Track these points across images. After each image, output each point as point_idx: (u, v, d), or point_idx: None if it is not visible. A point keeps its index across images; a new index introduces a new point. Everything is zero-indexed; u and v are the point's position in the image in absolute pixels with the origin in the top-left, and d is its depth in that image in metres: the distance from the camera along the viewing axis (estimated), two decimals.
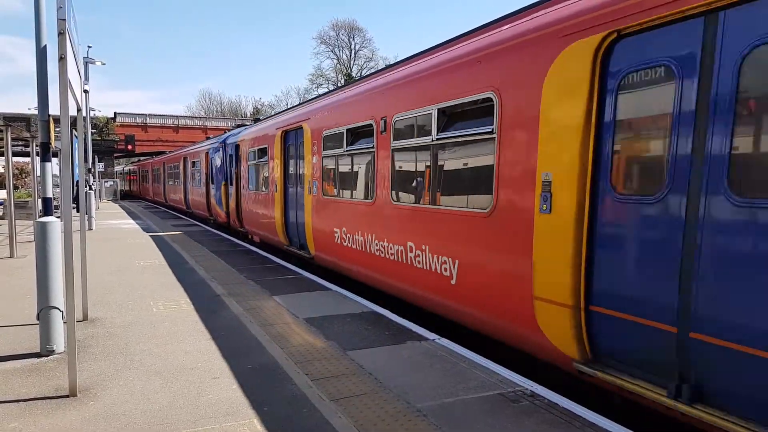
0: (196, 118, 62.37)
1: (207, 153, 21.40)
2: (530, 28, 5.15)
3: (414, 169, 7.20)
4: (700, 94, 3.68)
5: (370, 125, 8.06)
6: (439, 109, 6.41)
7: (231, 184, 17.58)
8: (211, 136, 25.72)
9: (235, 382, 4.90)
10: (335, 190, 9.59)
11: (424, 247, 6.72)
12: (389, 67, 8.74)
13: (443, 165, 6.51)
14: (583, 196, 4.45)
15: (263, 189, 14.05)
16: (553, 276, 4.70)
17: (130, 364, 5.40)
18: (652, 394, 3.89)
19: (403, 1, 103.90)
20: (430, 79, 6.75)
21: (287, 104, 67.63)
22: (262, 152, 14.03)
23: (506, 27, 5.69)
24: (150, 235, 17.46)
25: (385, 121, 7.61)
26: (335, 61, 70.75)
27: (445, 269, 6.29)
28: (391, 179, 7.52)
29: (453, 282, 6.16)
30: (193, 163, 24.45)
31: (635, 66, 4.12)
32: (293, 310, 7.45)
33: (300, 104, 13.80)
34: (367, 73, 56.23)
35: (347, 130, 8.89)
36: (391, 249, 7.50)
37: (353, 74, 66.44)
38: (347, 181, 9.17)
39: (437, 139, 6.44)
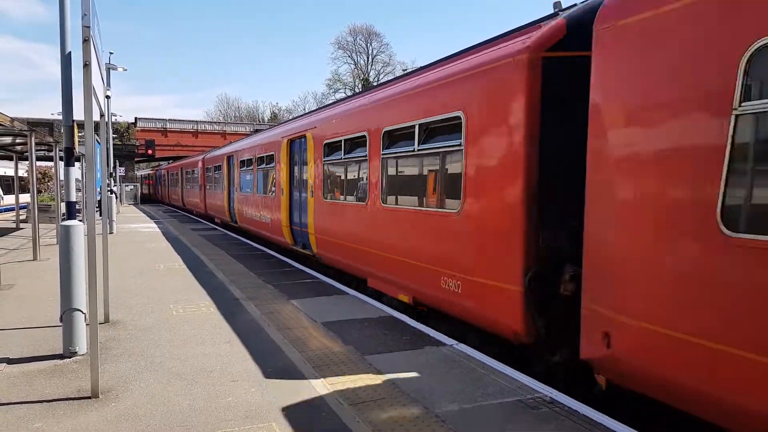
0: (215, 123, 62.93)
1: (156, 172, 48.02)
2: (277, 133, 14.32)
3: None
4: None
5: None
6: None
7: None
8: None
9: (255, 385, 4.92)
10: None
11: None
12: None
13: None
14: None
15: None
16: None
17: (151, 366, 5.46)
18: (301, 250, 12.12)
19: (419, 5, 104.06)
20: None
21: (304, 109, 68.00)
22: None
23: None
24: (169, 239, 17.68)
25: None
26: (353, 66, 71.16)
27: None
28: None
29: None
30: (160, 175, 47.51)
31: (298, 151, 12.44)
32: (311, 314, 7.47)
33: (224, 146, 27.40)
34: (384, 79, 56.21)
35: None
36: None
37: (371, 79, 66.59)
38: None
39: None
